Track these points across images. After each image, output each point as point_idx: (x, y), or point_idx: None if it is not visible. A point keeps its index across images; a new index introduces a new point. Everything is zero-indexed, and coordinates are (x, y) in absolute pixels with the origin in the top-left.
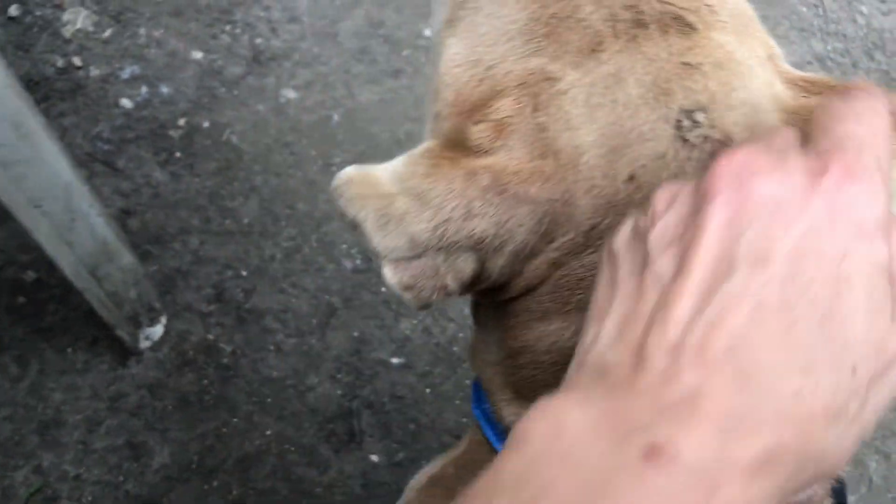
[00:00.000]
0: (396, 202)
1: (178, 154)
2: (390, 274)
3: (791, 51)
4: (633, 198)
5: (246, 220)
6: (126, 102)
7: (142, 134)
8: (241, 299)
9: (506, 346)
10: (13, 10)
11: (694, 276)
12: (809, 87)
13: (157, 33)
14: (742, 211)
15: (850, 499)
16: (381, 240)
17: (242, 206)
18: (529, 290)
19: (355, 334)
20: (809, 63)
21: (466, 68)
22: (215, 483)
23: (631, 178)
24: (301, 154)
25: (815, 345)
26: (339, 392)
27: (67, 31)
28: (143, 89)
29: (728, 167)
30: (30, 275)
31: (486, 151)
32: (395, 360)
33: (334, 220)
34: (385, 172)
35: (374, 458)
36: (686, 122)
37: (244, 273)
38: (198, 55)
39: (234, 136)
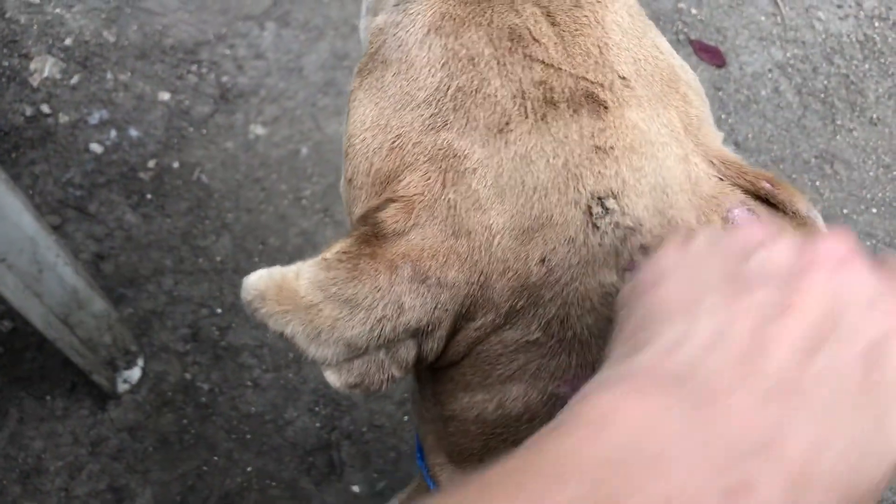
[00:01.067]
0: (323, 312)
1: (149, 196)
2: (334, 378)
3: (752, 60)
4: (546, 280)
5: (219, 258)
6: (96, 147)
7: (112, 178)
8: (216, 337)
9: (437, 410)
10: None
11: (801, 324)
12: (723, 170)
13: (123, 77)
14: (837, 293)
15: None
16: (317, 351)
17: (215, 244)
18: (452, 363)
19: None
20: (770, 70)
21: (375, 133)
22: None
23: (542, 260)
24: (271, 189)
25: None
26: (317, 424)
27: (35, 80)
28: (113, 133)
29: (837, 245)
30: (5, 324)
31: (401, 234)
32: None
33: (307, 252)
34: (301, 280)
35: (356, 488)
36: (597, 209)
37: (219, 311)
38: (165, 96)
39: (204, 175)
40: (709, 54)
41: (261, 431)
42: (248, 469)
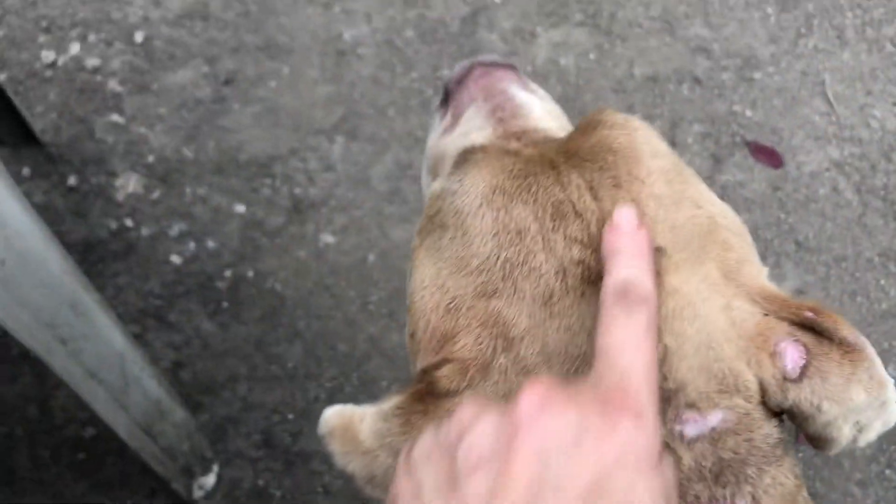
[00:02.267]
0: (379, 458)
1: (225, 304)
2: None
3: (808, 159)
4: None
5: (290, 364)
6: (175, 258)
7: (191, 287)
8: (288, 443)
9: None
10: (72, 181)
11: (514, 496)
12: (766, 305)
13: (201, 191)
14: (544, 444)
15: None
16: (372, 492)
17: (287, 351)
18: None
19: None
20: (828, 170)
21: (433, 292)
22: None
23: None
24: (340, 295)
25: None
26: None
27: (120, 196)
28: (191, 245)
29: (531, 398)
30: (89, 431)
31: (454, 394)
32: None
33: (374, 358)
34: (364, 425)
35: None
36: None
37: (290, 416)
38: (240, 209)
39: (278, 284)
40: (765, 155)
41: None
42: None
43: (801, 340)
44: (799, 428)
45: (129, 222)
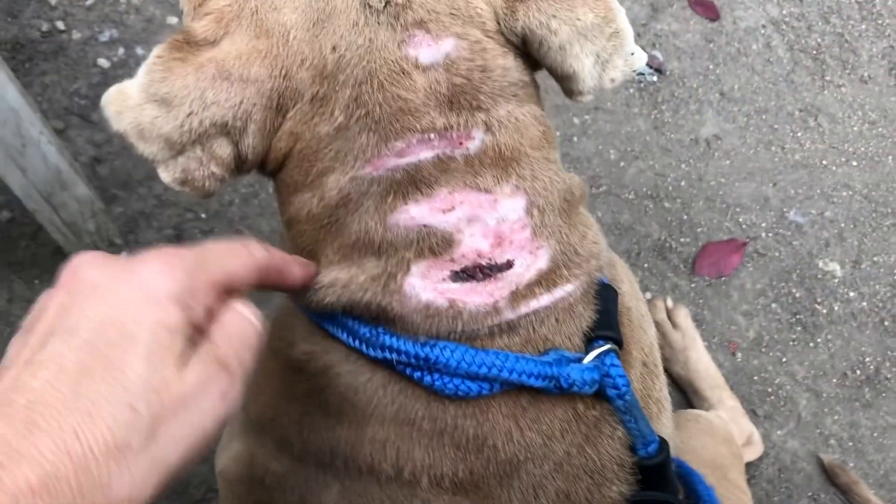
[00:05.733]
0: (145, 110)
1: None
2: (164, 174)
3: (746, 15)
4: (339, 65)
5: None
6: (103, 62)
7: None
8: (199, 239)
9: (284, 221)
10: None
11: (28, 349)
12: None
13: (136, 0)
14: (71, 293)
15: (778, 432)
16: (144, 147)
17: None
18: (281, 162)
19: None
20: (764, 27)
21: None
22: None
23: (334, 48)
24: None
25: (99, 391)
26: None
27: None
28: (120, 51)
29: (71, 264)
30: (4, 214)
31: (212, 43)
32: None
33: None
34: (133, 86)
35: None
36: None
37: (203, 216)
38: (173, 20)
39: None
40: (703, 8)
41: None
42: None
43: None
44: (541, 63)
45: (60, 25)
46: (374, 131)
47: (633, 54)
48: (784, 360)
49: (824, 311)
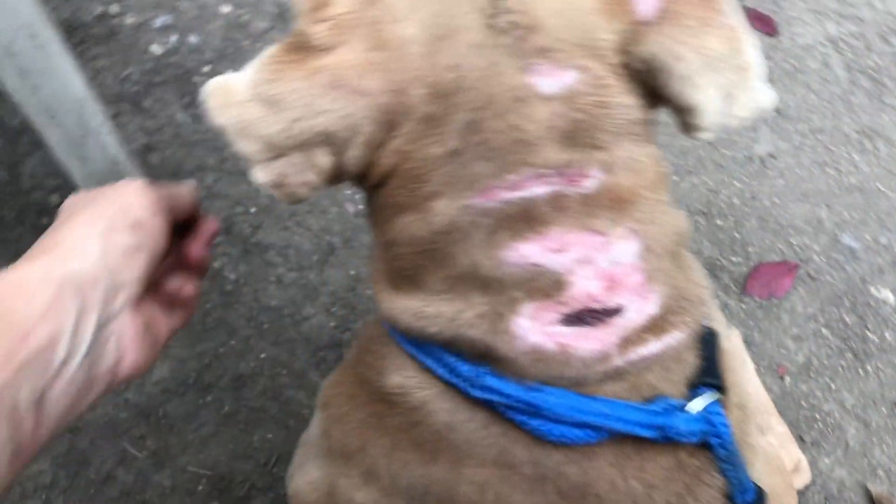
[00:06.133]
0: (250, 108)
1: (200, 98)
2: (258, 175)
3: (804, 31)
4: (457, 86)
5: None
6: (156, 48)
7: (168, 78)
8: (248, 233)
9: (381, 241)
10: None
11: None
12: None
13: None
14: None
15: (825, 460)
16: (243, 145)
17: None
18: (384, 179)
19: (352, 272)
20: (822, 45)
21: None
22: (209, 398)
23: (452, 67)
24: None
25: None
26: (332, 324)
27: None
28: (173, 37)
29: None
30: (55, 199)
31: (327, 50)
32: None
33: None
34: (240, 82)
35: None
36: (492, 9)
37: (253, 210)
38: (226, 9)
39: None
40: (761, 22)
41: (278, 324)
42: (262, 356)
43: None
44: (661, 93)
45: (114, 8)
46: (489, 160)
47: (758, 90)
48: (833, 386)
49: (875, 338)
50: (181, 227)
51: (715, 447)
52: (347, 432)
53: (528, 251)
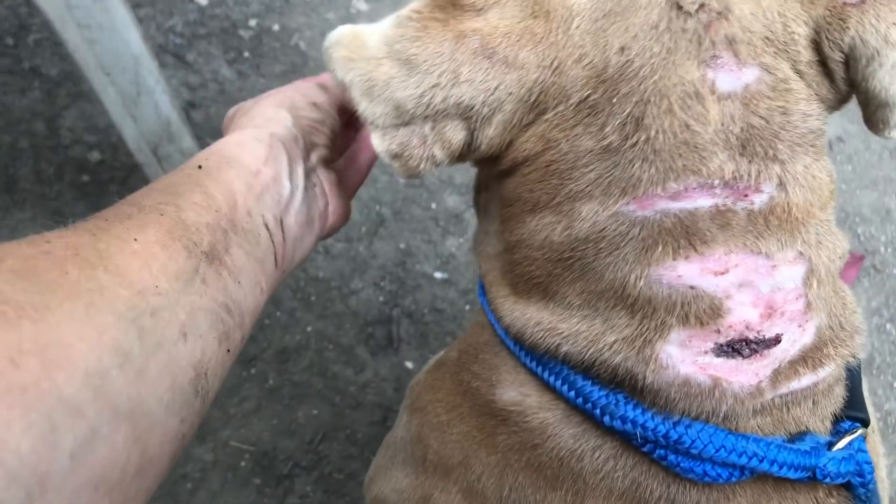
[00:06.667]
0: (382, 67)
1: (246, 54)
2: (378, 141)
3: None
4: (624, 72)
5: None
6: None
7: (213, 31)
8: None
9: (503, 238)
10: None
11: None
12: None
13: None
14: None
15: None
16: (367, 106)
17: None
18: (518, 166)
19: (402, 246)
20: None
21: None
22: (253, 371)
23: (622, 49)
24: None
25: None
26: (381, 299)
27: None
28: None
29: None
30: (95, 155)
31: (479, 10)
32: (438, 275)
33: None
34: (374, 35)
35: (410, 364)
36: None
37: None
38: None
39: (303, 42)
40: None
41: (326, 296)
42: (308, 329)
43: None
44: (860, 86)
45: None
46: (650, 163)
47: None
48: (895, 384)
49: None
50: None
51: (856, 487)
52: (447, 443)
53: (686, 272)
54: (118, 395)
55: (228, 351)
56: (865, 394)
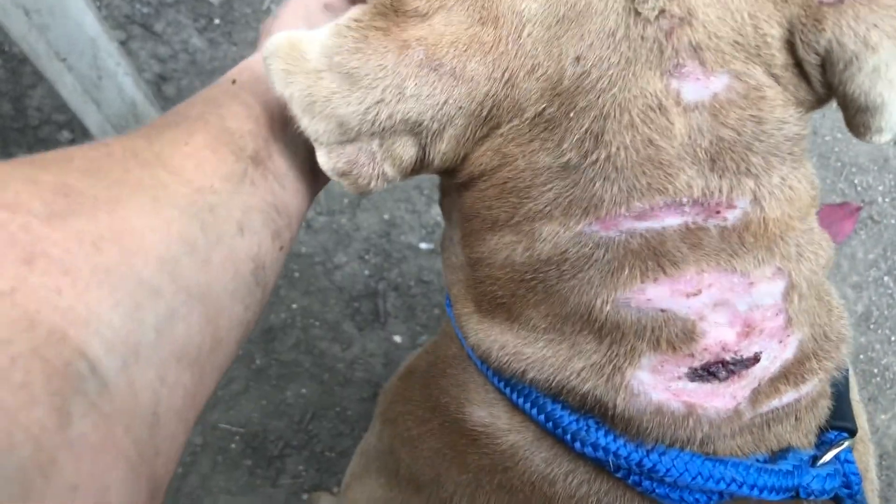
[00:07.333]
0: (323, 81)
1: (217, 21)
2: (323, 159)
3: None
4: (580, 84)
5: None
6: None
7: None
8: None
9: (465, 253)
10: None
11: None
12: None
13: None
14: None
15: (882, 416)
16: (309, 123)
17: None
18: (476, 179)
19: (386, 217)
20: None
21: None
22: (240, 351)
23: (577, 58)
24: None
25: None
26: (366, 272)
27: None
28: None
29: None
30: (65, 135)
31: (423, 16)
32: (423, 245)
33: None
34: (313, 45)
35: (398, 338)
36: None
37: None
38: None
39: (275, 5)
40: None
41: (309, 272)
42: (294, 306)
43: None
44: (837, 90)
45: None
46: (612, 182)
47: None
48: (893, 338)
49: None
50: None
51: (843, 498)
52: (419, 458)
53: (656, 294)
54: (189, 279)
55: (281, 248)
56: (855, 398)
